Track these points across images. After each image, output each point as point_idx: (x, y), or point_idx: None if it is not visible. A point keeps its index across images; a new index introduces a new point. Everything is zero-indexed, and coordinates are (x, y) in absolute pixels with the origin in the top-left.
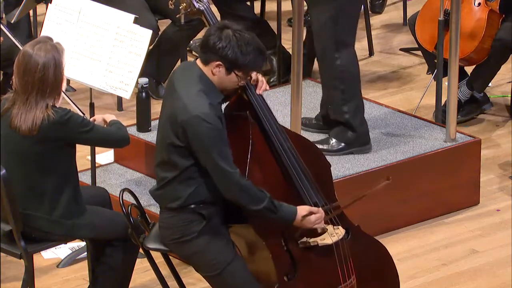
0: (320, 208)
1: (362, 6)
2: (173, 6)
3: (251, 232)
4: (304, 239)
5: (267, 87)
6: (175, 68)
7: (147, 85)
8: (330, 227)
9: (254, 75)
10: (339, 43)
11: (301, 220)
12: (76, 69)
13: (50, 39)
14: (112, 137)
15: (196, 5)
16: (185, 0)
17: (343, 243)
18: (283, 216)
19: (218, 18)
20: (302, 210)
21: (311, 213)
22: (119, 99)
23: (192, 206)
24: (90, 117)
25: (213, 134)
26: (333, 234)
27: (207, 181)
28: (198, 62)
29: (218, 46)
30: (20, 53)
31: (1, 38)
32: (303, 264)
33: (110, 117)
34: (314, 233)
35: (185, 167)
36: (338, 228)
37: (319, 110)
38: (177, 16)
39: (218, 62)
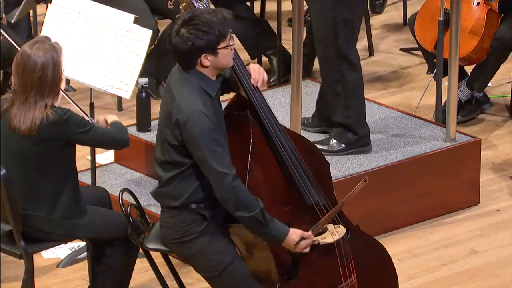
0: (311, 233)
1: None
2: (172, 6)
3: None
4: None
5: (265, 77)
6: (173, 68)
7: (147, 85)
8: (330, 226)
9: (253, 73)
10: (340, 50)
11: (291, 244)
12: (76, 69)
13: (48, 38)
14: (111, 139)
15: (196, 5)
16: (185, 0)
17: (344, 242)
18: (272, 233)
19: None
20: (294, 234)
21: (302, 238)
22: (119, 99)
23: (194, 206)
24: (90, 117)
25: (206, 132)
26: (334, 233)
27: (207, 179)
28: None
29: (188, 47)
30: (18, 53)
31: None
32: (304, 263)
33: (111, 117)
34: (315, 232)
35: (185, 166)
36: (339, 226)
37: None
38: (177, 16)
39: (202, 56)
